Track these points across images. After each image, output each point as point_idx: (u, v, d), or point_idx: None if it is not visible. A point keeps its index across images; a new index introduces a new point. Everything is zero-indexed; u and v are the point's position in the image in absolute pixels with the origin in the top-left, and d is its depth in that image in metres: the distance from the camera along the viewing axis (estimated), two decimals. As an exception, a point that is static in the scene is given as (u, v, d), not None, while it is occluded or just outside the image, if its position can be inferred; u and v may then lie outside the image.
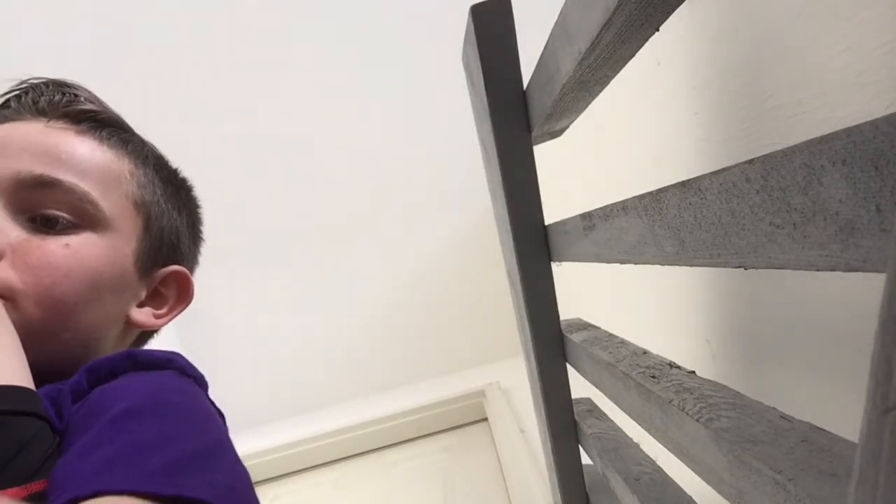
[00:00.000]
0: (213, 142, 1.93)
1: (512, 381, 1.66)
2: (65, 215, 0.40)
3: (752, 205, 0.24)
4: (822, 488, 0.23)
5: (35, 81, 0.45)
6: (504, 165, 0.57)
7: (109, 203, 0.43)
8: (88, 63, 1.84)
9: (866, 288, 0.33)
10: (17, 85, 0.45)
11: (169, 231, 0.49)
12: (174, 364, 0.41)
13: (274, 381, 2.05)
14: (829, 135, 0.19)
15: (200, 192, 0.57)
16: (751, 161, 0.23)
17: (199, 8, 1.81)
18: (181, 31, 1.84)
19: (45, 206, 0.40)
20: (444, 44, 1.24)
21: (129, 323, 0.46)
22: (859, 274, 0.19)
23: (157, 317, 0.48)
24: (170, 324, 0.53)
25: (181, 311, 0.51)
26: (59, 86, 0.46)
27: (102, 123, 0.47)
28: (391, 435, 1.72)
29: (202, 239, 0.56)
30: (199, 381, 0.42)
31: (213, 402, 0.41)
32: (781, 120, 0.39)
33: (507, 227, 0.60)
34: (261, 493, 1.64)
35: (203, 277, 0.61)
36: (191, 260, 0.53)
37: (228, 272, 1.98)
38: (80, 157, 0.42)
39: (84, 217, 0.41)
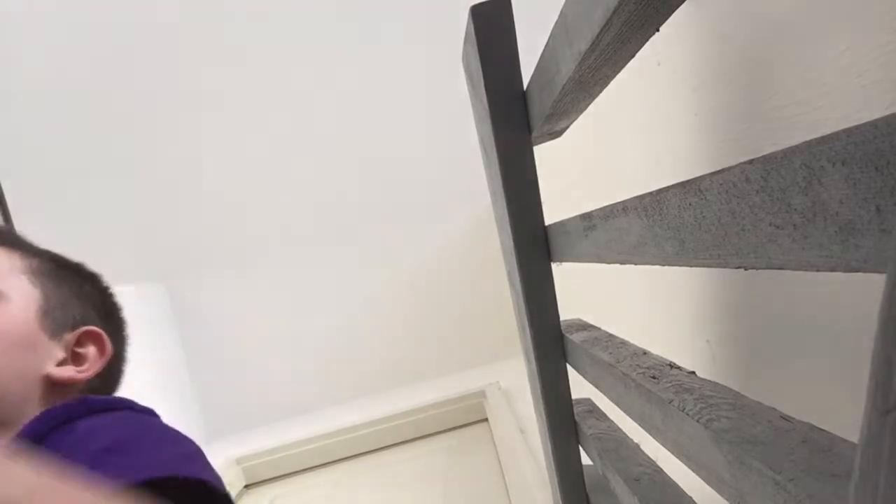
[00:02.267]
0: (213, 142, 1.93)
1: (512, 381, 1.66)
2: None
3: (752, 205, 0.24)
4: (822, 489, 0.23)
5: None
6: (504, 165, 0.57)
7: (3, 282, 0.51)
8: (87, 61, 1.85)
9: (866, 288, 0.33)
10: None
11: (66, 300, 0.55)
12: (125, 404, 0.47)
13: (274, 381, 2.05)
14: (829, 135, 0.19)
15: (202, 194, 0.58)
16: (751, 161, 0.23)
17: (199, 9, 1.81)
18: (184, 31, 1.84)
19: None
20: (444, 44, 1.24)
21: (53, 381, 0.51)
22: (859, 274, 0.19)
23: (79, 372, 0.53)
24: (172, 327, 0.57)
25: (103, 364, 0.56)
26: None
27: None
28: (391, 435, 1.72)
29: (118, 314, 0.62)
30: (151, 414, 0.48)
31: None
32: (781, 120, 0.39)
33: (507, 227, 0.60)
34: (261, 493, 1.64)
35: (204, 278, 0.62)
36: (109, 328, 0.59)
37: (229, 273, 1.98)
38: None
39: None
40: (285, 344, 2.05)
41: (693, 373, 0.40)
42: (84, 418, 0.43)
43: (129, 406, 0.47)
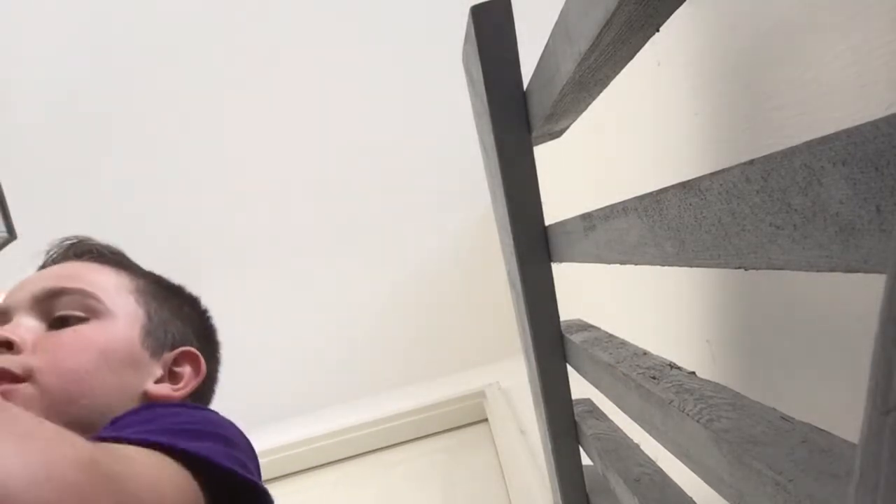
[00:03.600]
0: (213, 142, 1.93)
1: (512, 381, 1.66)
2: (74, 313, 0.51)
3: (752, 205, 0.24)
4: (822, 489, 0.23)
5: (70, 240, 0.61)
6: (504, 165, 0.57)
7: (111, 300, 0.54)
8: (87, 60, 1.85)
9: (866, 288, 0.33)
10: (62, 241, 0.61)
11: (168, 320, 0.58)
12: (213, 414, 0.50)
13: (273, 381, 2.05)
14: (829, 135, 0.19)
15: (203, 194, 0.60)
16: (751, 161, 0.23)
17: (199, 9, 1.82)
18: (181, 34, 1.84)
19: (58, 310, 0.51)
20: (444, 44, 1.24)
21: (150, 397, 0.54)
22: (859, 274, 0.19)
23: (175, 391, 0.56)
24: None
25: (197, 383, 0.59)
26: (83, 240, 0.62)
27: (108, 258, 0.61)
28: (391, 436, 1.72)
29: (214, 336, 0.67)
30: (232, 424, 0.50)
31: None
32: (781, 120, 0.39)
33: (507, 227, 0.60)
34: (261, 493, 1.64)
35: (203, 279, 0.64)
36: (205, 348, 0.62)
37: (228, 273, 1.98)
38: (86, 272, 0.55)
39: (90, 311, 0.52)
40: (284, 344, 2.05)
41: (693, 373, 0.40)
42: (163, 407, 0.47)
43: (217, 418, 0.49)
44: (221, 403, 0.49)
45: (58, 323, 0.51)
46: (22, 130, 1.88)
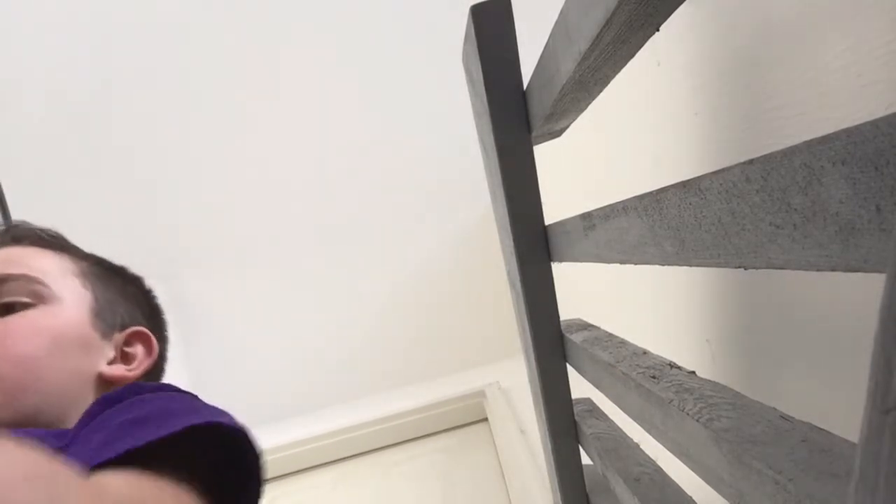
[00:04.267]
0: (213, 141, 1.93)
1: (512, 381, 1.66)
2: (20, 299, 0.50)
3: (752, 205, 0.24)
4: (822, 488, 0.23)
5: (7, 225, 0.60)
6: (504, 165, 0.57)
7: (56, 284, 0.53)
8: (87, 59, 1.85)
9: (866, 288, 0.33)
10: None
11: (115, 301, 0.58)
12: (172, 388, 0.49)
13: (273, 381, 2.05)
14: (829, 135, 0.19)
15: (202, 193, 0.60)
16: (751, 161, 0.23)
17: (199, 8, 1.81)
18: (181, 32, 1.84)
19: (2, 297, 0.50)
20: (444, 44, 1.24)
21: (105, 379, 0.53)
22: (859, 274, 0.19)
23: (129, 371, 0.55)
24: (171, 327, 0.65)
25: (150, 363, 0.58)
26: (17, 225, 0.59)
27: (48, 241, 0.59)
28: (391, 435, 1.72)
29: (161, 315, 0.65)
30: (194, 397, 0.49)
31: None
32: (781, 120, 0.39)
33: (507, 227, 0.60)
34: (261, 493, 1.64)
35: (203, 278, 0.64)
36: (154, 328, 0.62)
37: (229, 273, 1.98)
38: (27, 257, 0.54)
39: (36, 296, 0.51)
40: (284, 344, 2.05)
41: (693, 373, 0.40)
42: (135, 395, 0.46)
43: (176, 390, 0.48)
44: (222, 403, 0.49)
45: (2, 310, 0.49)
46: (22, 130, 1.88)
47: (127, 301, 0.60)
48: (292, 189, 1.98)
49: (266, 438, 1.76)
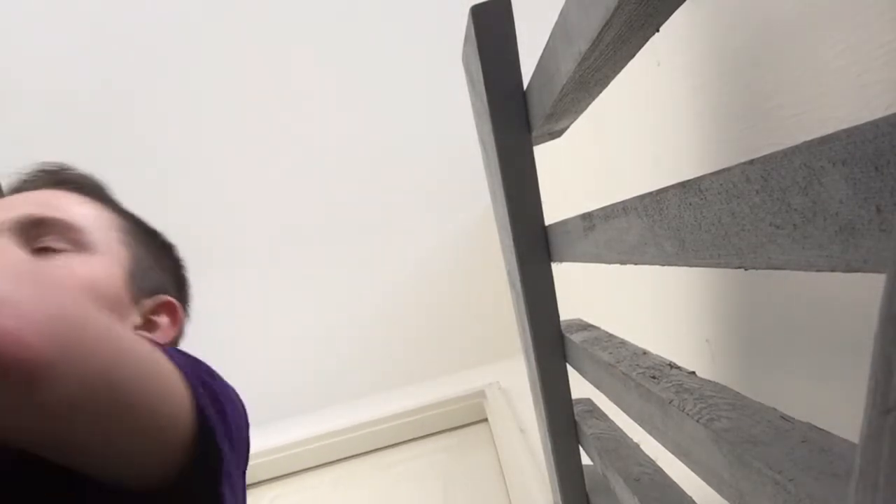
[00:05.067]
0: (213, 141, 1.93)
1: (512, 381, 1.66)
2: (58, 245, 0.48)
3: (752, 205, 0.24)
4: (822, 489, 0.23)
5: (48, 166, 0.57)
6: (504, 165, 0.57)
7: (95, 235, 0.50)
8: (86, 60, 1.85)
9: (866, 288, 0.33)
10: (40, 165, 0.57)
11: (150, 266, 0.55)
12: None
13: (273, 381, 2.05)
14: (829, 135, 0.19)
15: (201, 192, 0.60)
16: (751, 161, 0.23)
17: (201, 9, 1.81)
18: (182, 29, 1.84)
19: (41, 239, 0.47)
20: (444, 44, 1.24)
21: None
22: (859, 274, 0.19)
23: (150, 341, 0.53)
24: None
25: (174, 336, 0.56)
26: (64, 168, 0.58)
27: (90, 190, 0.57)
28: (391, 435, 1.72)
29: (188, 288, 0.63)
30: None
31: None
32: (781, 120, 0.39)
33: (507, 227, 0.60)
34: (260, 493, 1.64)
35: (202, 278, 0.64)
36: (181, 296, 0.60)
37: (227, 273, 1.97)
38: (67, 203, 0.51)
39: (75, 244, 0.49)
40: (284, 344, 2.05)
41: (693, 373, 0.40)
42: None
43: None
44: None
45: (40, 253, 0.47)
46: (22, 130, 1.88)
47: (161, 268, 0.57)
48: (291, 189, 1.98)
49: (266, 438, 1.77)
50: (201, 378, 0.38)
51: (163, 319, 0.55)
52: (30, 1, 1.80)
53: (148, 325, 0.53)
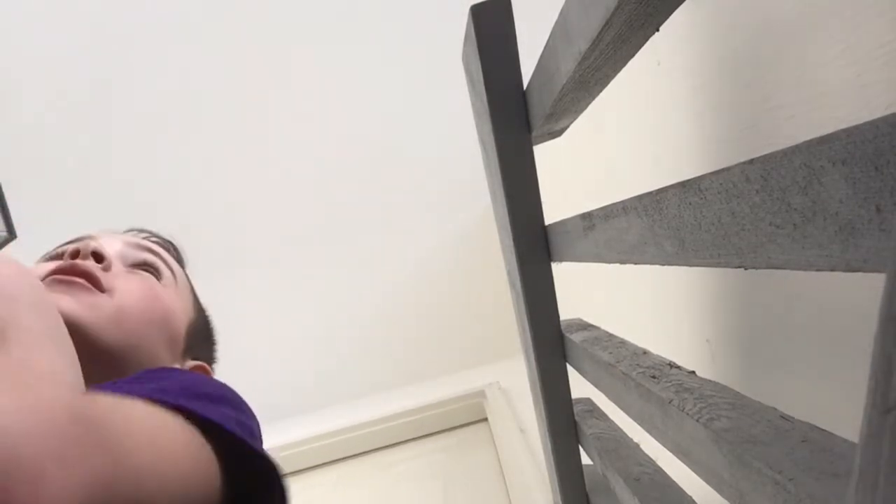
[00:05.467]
0: (213, 141, 1.93)
1: (512, 381, 1.66)
2: (151, 269, 0.54)
3: (752, 205, 0.24)
4: (822, 488, 0.23)
5: (141, 229, 0.65)
6: (504, 165, 0.57)
7: (180, 284, 0.58)
8: (86, 61, 1.85)
9: (866, 288, 0.33)
10: (129, 228, 0.64)
11: (204, 335, 0.62)
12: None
13: (273, 381, 2.05)
14: (829, 135, 0.19)
15: (202, 192, 0.63)
16: (751, 161, 0.23)
17: (201, 9, 1.81)
18: (182, 29, 1.84)
19: (138, 261, 0.54)
20: (444, 44, 1.24)
21: None
22: (859, 274, 0.19)
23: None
24: None
25: None
26: (159, 235, 0.65)
27: (178, 256, 0.65)
28: (391, 435, 1.72)
29: (216, 358, 0.69)
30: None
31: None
32: (781, 120, 0.39)
33: (507, 227, 0.60)
34: (261, 493, 1.64)
35: (202, 278, 0.65)
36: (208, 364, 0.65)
37: (227, 273, 1.97)
38: (166, 254, 0.59)
39: (164, 278, 0.55)
40: (284, 344, 2.05)
41: (693, 372, 0.40)
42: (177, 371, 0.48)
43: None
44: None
45: (134, 268, 0.53)
46: (22, 130, 1.88)
47: (210, 345, 0.64)
48: (292, 189, 1.98)
49: (266, 438, 1.76)
50: (243, 425, 0.38)
51: None
52: (30, 1, 1.80)
53: None
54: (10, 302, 0.34)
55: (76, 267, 0.46)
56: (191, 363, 0.58)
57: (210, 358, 0.65)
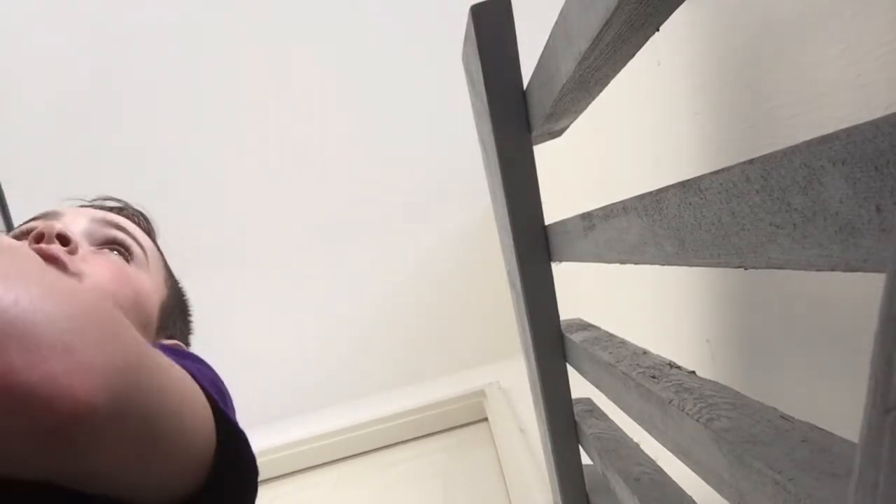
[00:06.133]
0: (213, 141, 1.93)
1: (512, 381, 1.66)
2: (120, 248, 0.52)
3: (752, 205, 0.24)
4: (822, 488, 0.23)
5: (112, 200, 0.64)
6: (504, 165, 0.57)
7: (151, 261, 0.55)
8: (86, 58, 1.85)
9: (866, 288, 0.33)
10: (105, 198, 0.64)
11: (177, 313, 0.60)
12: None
13: (273, 381, 2.05)
14: (829, 135, 0.19)
15: (201, 192, 0.63)
16: (751, 161, 0.23)
17: (200, 9, 1.82)
18: (181, 29, 1.84)
19: (107, 240, 0.52)
20: (444, 44, 1.24)
21: None
22: (859, 274, 0.19)
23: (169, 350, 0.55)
24: None
25: None
26: (130, 206, 0.64)
27: (149, 228, 0.63)
28: (391, 435, 1.72)
29: (192, 331, 0.67)
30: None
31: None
32: (781, 120, 0.39)
33: (507, 227, 0.60)
34: (261, 493, 1.64)
35: (202, 277, 0.65)
36: (184, 342, 0.63)
37: (227, 273, 1.97)
38: (135, 229, 0.57)
39: (134, 257, 0.53)
40: (284, 344, 2.05)
41: (693, 372, 0.40)
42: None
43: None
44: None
45: (104, 243, 0.51)
46: (22, 130, 1.88)
47: (184, 322, 0.62)
48: (292, 189, 1.98)
49: (266, 438, 1.77)
50: (217, 387, 0.39)
51: None
52: (30, 1, 1.80)
53: None
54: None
55: (42, 252, 0.44)
56: (166, 342, 0.56)
57: (185, 331, 0.63)
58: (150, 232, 0.62)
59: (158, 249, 0.61)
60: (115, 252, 0.52)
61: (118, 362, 0.26)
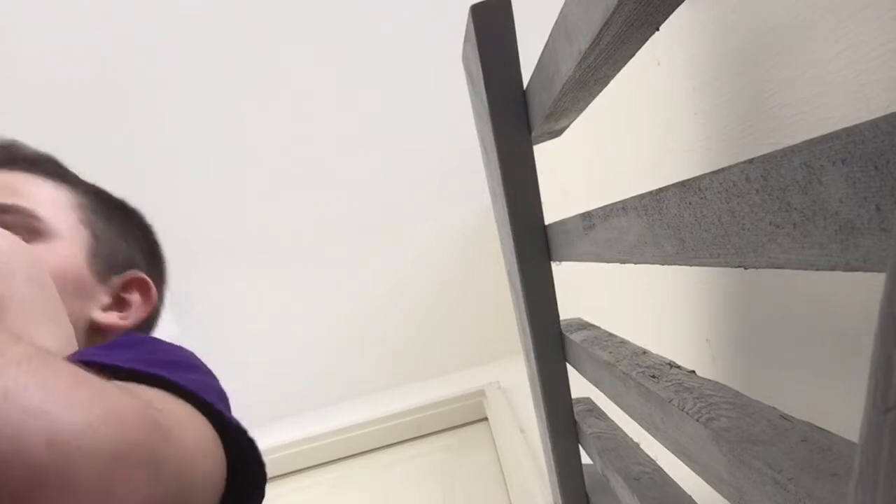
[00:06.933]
0: (213, 140, 1.93)
1: (512, 381, 1.66)
2: (18, 232, 0.45)
3: (752, 204, 0.24)
4: (822, 488, 0.23)
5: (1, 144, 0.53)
6: (504, 165, 0.57)
7: (53, 218, 0.48)
8: (85, 57, 1.85)
9: (866, 288, 0.33)
10: None
11: (115, 241, 0.53)
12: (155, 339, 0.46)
13: (273, 380, 2.05)
14: (829, 135, 0.19)
15: (201, 191, 0.60)
16: (751, 161, 0.23)
17: (200, 8, 1.82)
18: (181, 28, 1.84)
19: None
20: (444, 44, 1.24)
21: (96, 326, 0.48)
22: (859, 274, 0.19)
23: (121, 318, 0.50)
24: (170, 327, 0.56)
25: (147, 312, 0.53)
26: (11, 145, 0.54)
27: (44, 168, 0.54)
28: (391, 435, 1.72)
29: (161, 256, 0.61)
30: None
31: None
32: (781, 120, 0.39)
33: (507, 226, 0.60)
34: (261, 492, 1.64)
35: (202, 277, 0.64)
36: (153, 272, 0.57)
37: (227, 272, 1.98)
38: (22, 185, 0.49)
39: (32, 231, 0.46)
40: (284, 344, 2.05)
41: (693, 372, 0.40)
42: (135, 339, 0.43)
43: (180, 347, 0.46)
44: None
45: None
46: (22, 129, 1.88)
47: (127, 241, 0.54)
48: (292, 188, 1.98)
49: (266, 438, 1.76)
50: (216, 392, 0.37)
51: (134, 297, 0.52)
52: (30, 1, 1.80)
53: (119, 303, 0.51)
54: (7, 278, 0.34)
55: None
56: (117, 281, 0.51)
57: (136, 255, 0.55)
58: (43, 170, 0.52)
59: (65, 184, 0.52)
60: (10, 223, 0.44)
61: (173, 482, 0.24)
